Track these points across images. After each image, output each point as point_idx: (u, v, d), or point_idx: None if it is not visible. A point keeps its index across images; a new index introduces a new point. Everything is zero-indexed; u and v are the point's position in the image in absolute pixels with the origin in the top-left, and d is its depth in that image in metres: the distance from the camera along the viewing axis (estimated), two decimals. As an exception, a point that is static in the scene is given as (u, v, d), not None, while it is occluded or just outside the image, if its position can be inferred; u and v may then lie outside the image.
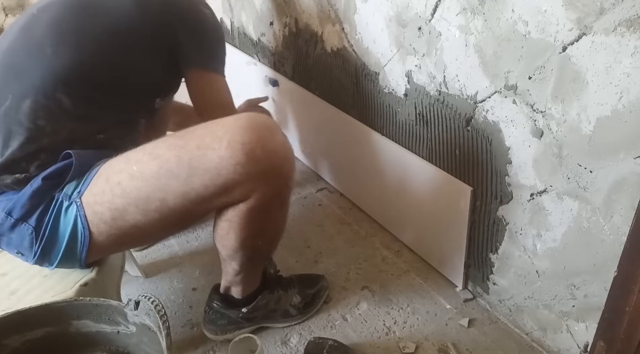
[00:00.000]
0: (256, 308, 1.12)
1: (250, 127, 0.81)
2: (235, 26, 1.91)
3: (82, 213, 0.86)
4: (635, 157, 0.75)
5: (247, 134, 0.80)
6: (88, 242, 0.88)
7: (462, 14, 0.93)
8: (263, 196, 0.87)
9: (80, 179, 0.88)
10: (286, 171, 0.87)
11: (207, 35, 1.07)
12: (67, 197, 0.87)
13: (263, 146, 0.81)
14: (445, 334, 1.13)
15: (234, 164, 0.80)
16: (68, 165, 0.87)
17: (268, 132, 0.83)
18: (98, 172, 0.88)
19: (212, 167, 0.80)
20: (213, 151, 0.80)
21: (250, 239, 0.95)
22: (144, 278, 1.33)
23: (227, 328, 1.13)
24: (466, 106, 1.02)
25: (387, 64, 1.19)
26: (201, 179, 0.82)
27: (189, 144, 0.82)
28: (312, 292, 1.20)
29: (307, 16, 1.43)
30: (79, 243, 0.88)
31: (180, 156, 0.82)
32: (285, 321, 1.17)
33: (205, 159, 0.80)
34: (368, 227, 1.47)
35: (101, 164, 0.89)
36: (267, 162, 0.82)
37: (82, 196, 0.87)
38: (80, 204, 0.86)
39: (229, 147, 0.79)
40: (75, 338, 0.83)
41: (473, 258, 1.17)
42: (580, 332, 0.97)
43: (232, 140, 0.80)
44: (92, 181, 0.87)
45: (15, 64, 0.91)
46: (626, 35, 0.69)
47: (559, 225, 0.92)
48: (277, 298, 1.15)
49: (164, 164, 0.82)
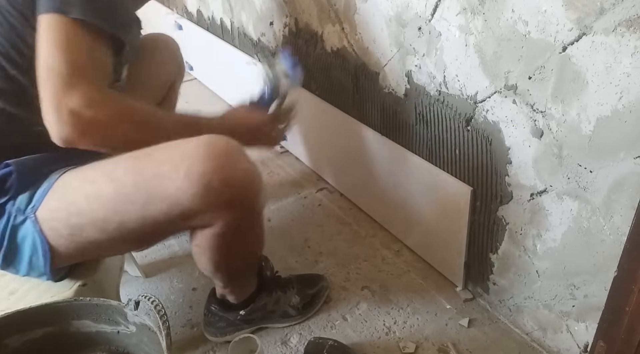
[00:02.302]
0: (254, 310, 1.12)
1: (209, 155, 0.76)
2: (235, 26, 1.91)
3: (38, 228, 0.82)
4: (635, 157, 0.75)
5: (205, 163, 0.76)
6: (49, 256, 0.84)
7: (462, 14, 0.93)
8: (228, 223, 0.84)
9: (33, 190, 0.84)
10: (250, 197, 0.83)
11: None
12: (20, 212, 0.83)
13: (222, 177, 0.77)
14: (445, 334, 1.13)
15: (192, 194, 0.76)
16: (7, 173, 0.83)
17: (228, 160, 0.78)
18: (53, 187, 0.83)
19: (169, 196, 0.77)
20: (170, 180, 0.76)
21: (224, 262, 0.95)
22: (144, 278, 1.33)
23: (226, 330, 1.13)
24: (466, 106, 1.02)
25: (387, 64, 1.19)
26: (158, 207, 0.78)
27: (146, 170, 0.78)
28: (312, 292, 1.20)
29: (307, 16, 1.43)
30: (40, 257, 0.84)
31: (137, 182, 0.78)
32: (284, 321, 1.17)
33: (162, 188, 0.77)
34: (368, 227, 1.47)
35: (55, 176, 0.84)
36: (227, 192, 0.78)
37: (36, 211, 0.82)
38: (35, 220, 0.82)
39: (186, 177, 0.75)
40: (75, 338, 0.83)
41: (473, 258, 1.17)
42: (580, 332, 0.97)
43: (189, 170, 0.75)
44: (47, 196, 0.82)
45: None
46: (626, 35, 0.69)
47: (559, 225, 0.92)
48: (275, 299, 1.14)
49: (120, 189, 0.79)
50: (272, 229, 1.48)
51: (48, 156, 0.86)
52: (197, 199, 0.77)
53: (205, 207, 0.79)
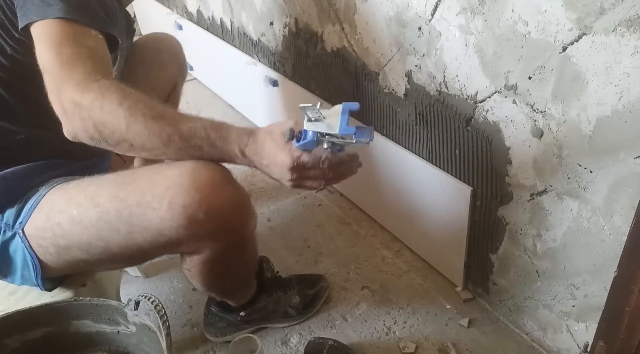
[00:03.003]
0: (254, 311, 1.13)
1: (193, 185, 0.74)
2: (235, 26, 1.91)
3: (27, 244, 0.82)
4: (635, 157, 0.75)
5: (189, 195, 0.74)
6: (40, 269, 0.83)
7: (462, 14, 0.93)
8: (215, 251, 0.84)
9: (20, 205, 0.83)
10: (237, 226, 0.82)
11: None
12: (9, 227, 0.82)
13: (207, 208, 0.75)
14: (445, 334, 1.13)
15: (176, 226, 0.75)
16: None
17: (213, 190, 0.76)
18: (39, 204, 0.82)
19: (153, 227, 0.76)
20: (153, 210, 0.75)
21: (216, 284, 0.95)
22: (144, 278, 1.33)
23: (226, 330, 1.13)
24: (466, 106, 1.02)
25: (387, 64, 1.19)
26: (142, 236, 0.77)
27: (129, 198, 0.76)
28: (312, 292, 1.20)
29: (307, 16, 1.43)
30: (32, 271, 0.84)
31: (119, 210, 0.76)
32: (284, 321, 1.17)
33: (145, 217, 0.75)
34: (368, 227, 1.47)
35: (43, 191, 0.83)
36: (212, 223, 0.77)
37: (24, 227, 0.81)
38: (23, 236, 0.81)
39: (169, 209, 0.74)
40: (75, 338, 0.83)
41: (473, 258, 1.17)
42: (580, 332, 0.97)
43: (172, 202, 0.74)
44: (34, 213, 0.81)
45: None
46: (626, 35, 0.69)
47: (559, 225, 0.92)
48: (276, 299, 1.14)
49: (103, 216, 0.77)
50: (272, 229, 1.48)
51: (33, 167, 0.85)
52: (181, 230, 0.75)
53: (190, 238, 0.78)
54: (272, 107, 1.81)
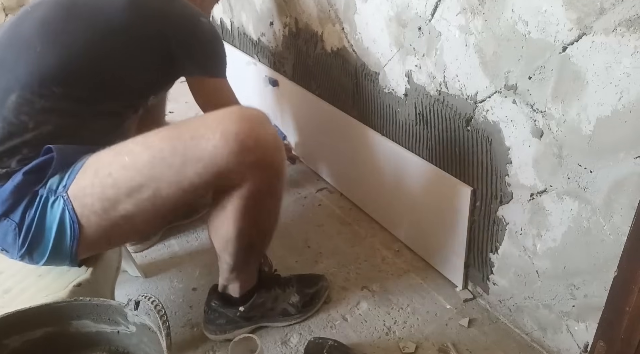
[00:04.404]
0: (253, 306, 1.13)
1: (242, 118, 0.84)
2: (235, 26, 1.92)
3: (70, 207, 0.86)
4: (635, 157, 0.75)
5: (240, 124, 0.83)
6: (78, 235, 0.87)
7: (462, 14, 0.93)
8: (254, 185, 0.89)
9: (64, 173, 0.88)
10: (277, 161, 0.90)
11: (204, 46, 1.07)
12: (52, 192, 0.87)
13: (255, 137, 0.84)
14: (445, 334, 1.13)
15: (228, 153, 0.82)
16: (49, 160, 0.87)
17: (259, 124, 0.86)
18: (85, 164, 0.88)
19: (205, 156, 0.83)
20: (207, 140, 0.82)
21: (244, 228, 0.96)
22: (143, 278, 1.33)
23: (226, 327, 1.13)
24: (466, 106, 1.02)
25: (387, 64, 1.19)
26: (194, 168, 0.83)
27: (183, 134, 0.84)
28: (311, 291, 1.20)
29: (307, 16, 1.43)
30: (67, 237, 0.87)
31: (174, 145, 0.84)
32: (284, 320, 1.17)
33: (199, 148, 0.82)
34: (368, 227, 1.47)
35: (86, 158, 0.89)
36: (258, 152, 0.85)
37: (68, 189, 0.86)
38: (67, 198, 0.86)
39: (222, 137, 0.82)
40: (75, 338, 0.83)
41: (473, 258, 1.17)
42: (580, 332, 0.97)
43: (225, 130, 0.82)
44: (79, 174, 0.87)
45: (4, 59, 0.91)
46: (626, 35, 0.69)
47: (559, 225, 0.92)
48: (274, 296, 1.15)
49: (157, 154, 0.84)
50: (272, 229, 1.48)
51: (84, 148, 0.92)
52: (232, 157, 0.83)
53: (238, 166, 0.84)
54: (272, 107, 1.81)
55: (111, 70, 0.96)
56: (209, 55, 1.09)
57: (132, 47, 0.98)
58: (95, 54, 0.94)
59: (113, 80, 0.97)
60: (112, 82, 0.97)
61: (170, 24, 1.01)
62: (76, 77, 0.92)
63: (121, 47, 0.96)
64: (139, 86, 1.03)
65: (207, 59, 1.09)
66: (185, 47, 1.03)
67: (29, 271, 0.94)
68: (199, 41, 1.06)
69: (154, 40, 1.00)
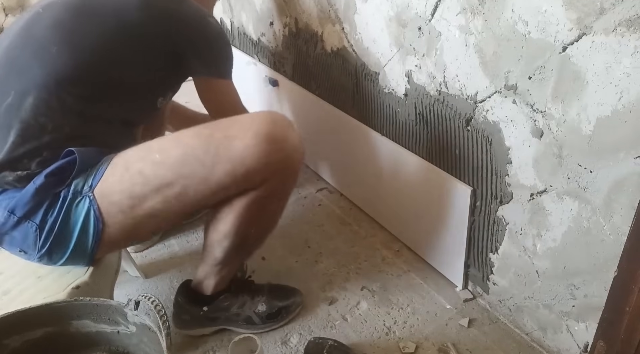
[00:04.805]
0: (217, 308, 1.12)
1: (273, 120, 0.88)
2: (235, 26, 1.92)
3: (95, 206, 0.87)
4: (635, 157, 0.75)
5: (271, 126, 0.87)
6: (100, 234, 0.89)
7: (462, 14, 0.93)
8: (272, 186, 0.92)
9: (87, 174, 0.89)
10: (297, 163, 0.94)
11: (212, 46, 1.08)
12: (77, 193, 0.88)
13: (284, 138, 0.88)
14: (445, 334, 1.13)
15: (258, 152, 0.85)
16: (71, 162, 0.88)
17: (287, 126, 0.90)
18: (112, 162, 0.89)
19: (237, 156, 0.85)
20: (240, 140, 0.85)
21: (245, 225, 0.97)
22: (143, 278, 1.33)
23: (190, 324, 1.13)
24: (466, 106, 1.02)
25: (387, 64, 1.19)
26: (224, 167, 0.86)
27: (216, 133, 0.87)
28: (281, 305, 1.16)
29: (307, 16, 1.43)
30: (90, 237, 0.89)
31: (208, 143, 0.86)
32: (247, 327, 1.14)
33: (232, 146, 0.85)
34: (368, 227, 1.47)
35: (109, 159, 0.90)
36: (285, 153, 0.89)
37: (94, 189, 0.87)
38: (93, 198, 0.87)
39: (255, 136, 0.85)
40: (75, 338, 0.83)
41: (473, 258, 1.17)
42: (580, 332, 0.97)
43: (258, 130, 0.86)
44: (106, 172, 0.88)
45: (18, 60, 0.91)
46: (626, 35, 0.69)
47: (559, 225, 0.92)
48: (241, 302, 1.13)
49: (189, 151, 0.86)
50: (272, 229, 1.48)
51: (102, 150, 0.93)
52: (262, 157, 0.86)
53: (265, 166, 0.87)
54: (272, 107, 1.81)
55: (125, 70, 0.97)
56: (216, 55, 1.10)
57: (145, 46, 0.98)
58: (110, 54, 0.94)
59: (125, 79, 0.97)
60: (124, 80, 0.97)
61: (180, 23, 1.02)
62: (91, 77, 0.93)
63: (135, 47, 0.97)
64: (150, 85, 1.03)
65: (214, 59, 1.10)
66: (193, 46, 1.04)
67: (28, 273, 0.94)
68: (207, 41, 1.06)
69: (164, 39, 1.00)
